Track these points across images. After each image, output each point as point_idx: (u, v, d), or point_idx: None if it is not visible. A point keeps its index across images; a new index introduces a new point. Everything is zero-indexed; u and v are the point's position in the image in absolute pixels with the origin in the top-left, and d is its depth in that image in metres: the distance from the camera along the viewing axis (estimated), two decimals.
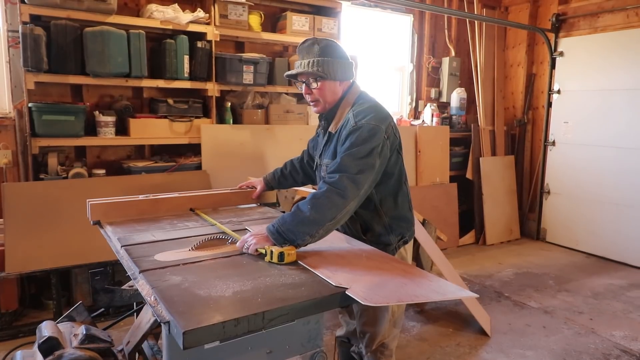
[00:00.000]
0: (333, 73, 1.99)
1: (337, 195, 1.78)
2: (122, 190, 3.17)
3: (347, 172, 1.82)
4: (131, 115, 3.74)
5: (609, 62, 5.09)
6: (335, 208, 1.78)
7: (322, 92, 2.03)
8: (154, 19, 3.62)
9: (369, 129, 1.89)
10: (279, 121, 4.24)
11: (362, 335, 2.21)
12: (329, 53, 1.98)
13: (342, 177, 1.80)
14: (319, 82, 2.00)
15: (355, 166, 1.83)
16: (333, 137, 2.04)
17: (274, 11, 4.43)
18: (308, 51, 2.00)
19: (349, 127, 1.93)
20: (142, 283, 1.51)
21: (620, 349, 3.24)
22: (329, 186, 1.80)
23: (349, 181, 1.80)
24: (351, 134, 1.89)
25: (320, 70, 1.97)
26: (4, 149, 3.50)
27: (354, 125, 1.91)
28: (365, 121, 1.91)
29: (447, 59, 5.67)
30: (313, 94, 2.03)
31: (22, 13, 3.17)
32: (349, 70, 2.05)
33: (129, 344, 1.93)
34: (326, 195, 1.78)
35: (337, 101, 2.06)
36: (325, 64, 1.97)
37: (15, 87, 3.51)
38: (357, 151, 1.85)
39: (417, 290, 1.47)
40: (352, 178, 1.81)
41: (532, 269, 4.82)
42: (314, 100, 2.07)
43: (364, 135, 1.88)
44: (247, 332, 1.28)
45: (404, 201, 2.12)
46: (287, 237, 1.73)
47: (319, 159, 2.18)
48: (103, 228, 2.15)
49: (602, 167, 5.21)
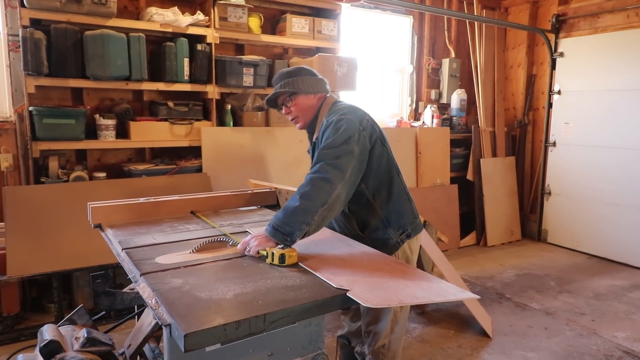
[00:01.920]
0: (304, 88, 2.16)
1: (321, 181, 1.84)
2: (123, 193, 3.17)
3: (326, 160, 1.90)
4: (131, 118, 3.74)
5: (610, 62, 5.09)
6: (324, 192, 1.83)
7: (299, 107, 2.19)
8: (154, 22, 3.62)
9: (337, 121, 2.00)
10: (279, 123, 4.24)
11: (367, 334, 2.24)
12: (297, 73, 2.19)
13: (322, 165, 1.89)
14: (293, 98, 2.18)
15: (332, 153, 1.91)
16: (317, 145, 2.11)
17: (274, 13, 4.43)
18: (279, 78, 2.21)
19: (324, 127, 2.06)
20: (143, 286, 1.51)
21: (622, 350, 3.23)
22: (311, 175, 1.88)
23: (329, 166, 1.88)
24: (326, 131, 2.02)
25: (292, 87, 2.15)
26: (4, 152, 3.51)
27: (327, 123, 2.05)
28: (337, 117, 2.03)
29: (447, 60, 5.67)
30: (292, 111, 2.21)
31: (22, 17, 3.18)
32: (319, 84, 2.21)
33: (130, 347, 1.93)
34: (311, 183, 1.85)
35: (315, 113, 2.21)
36: (295, 82, 2.16)
37: (16, 90, 3.51)
38: (332, 141, 1.95)
39: (418, 292, 1.47)
40: (331, 163, 1.88)
41: (533, 270, 4.81)
42: (294, 118, 2.23)
43: (337, 126, 1.98)
44: (249, 334, 1.28)
45: (399, 193, 2.15)
46: (285, 230, 1.76)
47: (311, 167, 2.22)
48: (104, 231, 2.16)
49: (603, 167, 5.21)
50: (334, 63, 4.21)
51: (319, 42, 4.38)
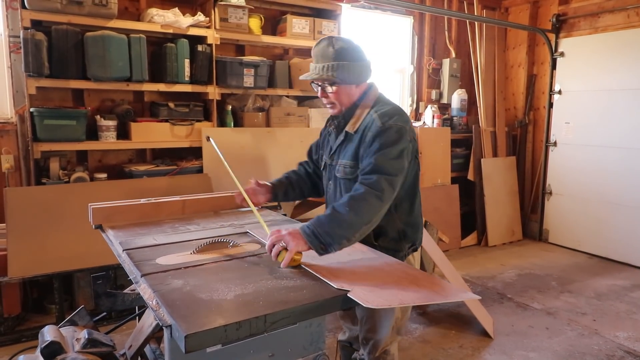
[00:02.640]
0: (348, 77, 1.94)
1: (376, 198, 1.76)
2: (123, 194, 3.17)
3: (384, 174, 1.80)
4: (132, 119, 3.75)
5: (610, 62, 5.08)
6: (373, 210, 1.76)
7: (338, 96, 1.99)
8: (155, 23, 3.63)
9: (397, 130, 1.87)
10: (279, 124, 4.24)
11: (365, 342, 2.19)
12: (344, 56, 1.92)
13: (380, 178, 1.78)
14: (334, 86, 1.96)
15: (390, 167, 1.82)
16: (352, 137, 1.99)
17: (274, 14, 4.44)
18: (323, 54, 1.95)
19: (374, 128, 1.89)
20: (143, 287, 1.51)
21: (624, 349, 3.23)
22: (367, 187, 1.77)
23: (386, 183, 1.79)
24: (379, 135, 1.86)
25: (335, 76, 1.92)
26: (6, 153, 3.51)
27: (381, 126, 1.88)
28: (392, 122, 1.89)
29: (447, 60, 5.67)
30: (329, 97, 2.01)
31: (23, 18, 3.18)
32: (365, 72, 2.00)
33: (131, 348, 1.93)
34: (365, 197, 1.75)
35: (354, 102, 2.02)
36: (339, 68, 1.92)
37: (17, 92, 3.52)
38: (389, 152, 1.83)
39: (419, 293, 1.47)
40: (389, 180, 1.80)
41: (534, 270, 4.81)
42: (330, 104, 2.04)
43: (392, 137, 1.86)
44: (249, 335, 1.28)
45: (418, 207, 2.11)
46: (324, 240, 1.66)
47: (329, 158, 2.14)
48: (105, 232, 2.16)
49: (604, 167, 5.21)
50: None
51: None
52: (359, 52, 1.98)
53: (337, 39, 1.97)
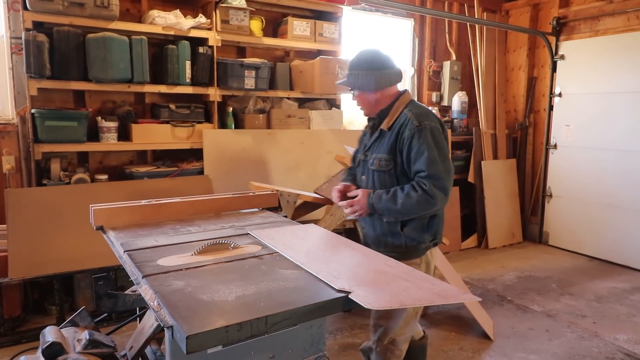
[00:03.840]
0: (365, 84, 2.16)
1: (427, 203, 2.03)
2: (124, 195, 3.18)
3: (438, 180, 2.02)
4: (133, 120, 3.75)
5: (610, 65, 5.09)
6: (420, 210, 2.07)
7: (360, 101, 2.25)
8: (156, 24, 3.64)
9: (433, 130, 2.08)
10: (280, 126, 4.25)
11: (375, 328, 2.25)
12: (360, 65, 2.17)
13: (434, 185, 2.02)
14: (355, 92, 2.23)
15: (442, 171, 2.03)
16: (386, 134, 2.18)
17: (275, 16, 4.45)
18: (350, 63, 2.23)
19: (411, 126, 2.08)
20: (145, 288, 1.52)
21: (623, 352, 3.23)
22: (422, 192, 2.02)
23: (439, 191, 2.02)
24: (416, 134, 2.06)
25: (351, 83, 2.20)
26: (7, 155, 3.52)
27: (418, 125, 2.07)
28: (428, 123, 2.08)
29: (448, 62, 5.68)
30: (358, 99, 2.26)
31: (25, 20, 3.19)
32: (384, 79, 2.17)
33: (132, 349, 1.93)
34: (417, 200, 2.02)
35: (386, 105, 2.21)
36: (356, 77, 2.17)
37: (18, 93, 3.53)
38: (437, 155, 2.04)
39: (420, 294, 1.47)
40: (442, 187, 2.03)
41: (534, 272, 4.81)
42: (360, 106, 2.29)
43: (434, 136, 2.07)
44: (250, 336, 1.28)
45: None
46: (378, 213, 2.12)
47: (363, 155, 2.32)
48: (106, 233, 2.16)
49: (604, 169, 5.21)
50: (335, 66, 4.22)
51: (320, 44, 4.40)
52: (381, 61, 2.19)
53: (365, 50, 2.24)
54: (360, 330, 3.42)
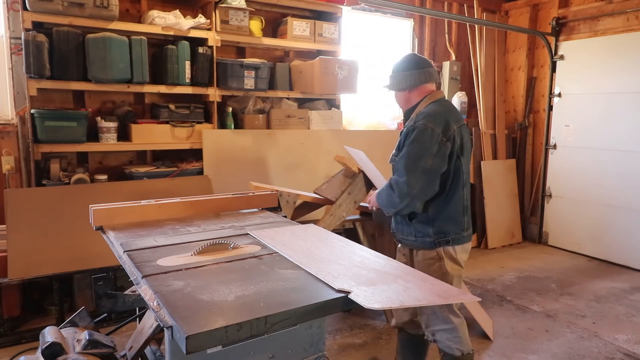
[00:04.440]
0: (396, 85, 2.43)
1: (389, 195, 2.31)
2: (124, 195, 3.17)
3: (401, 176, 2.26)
4: (133, 121, 3.75)
5: (610, 65, 5.09)
6: (392, 205, 2.32)
7: (396, 99, 2.51)
8: (156, 25, 3.64)
9: (420, 129, 2.23)
10: (280, 126, 4.25)
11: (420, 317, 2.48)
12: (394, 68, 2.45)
13: (395, 181, 2.28)
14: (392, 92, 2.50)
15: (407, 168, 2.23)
16: (402, 132, 2.38)
17: (275, 16, 4.45)
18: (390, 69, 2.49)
19: (409, 124, 2.30)
20: (144, 288, 1.52)
21: (623, 352, 3.23)
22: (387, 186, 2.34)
23: (399, 185, 2.25)
24: (410, 132, 2.27)
25: (388, 85, 2.48)
26: (6, 155, 3.52)
27: (413, 124, 2.28)
28: (423, 122, 2.24)
29: (447, 63, 5.68)
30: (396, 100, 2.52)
31: (25, 20, 3.19)
32: (410, 80, 2.38)
33: (132, 349, 1.93)
34: (385, 194, 2.35)
35: (413, 104, 2.41)
36: (391, 78, 2.46)
37: (18, 93, 3.52)
38: (410, 152, 2.24)
39: (420, 294, 1.47)
40: (403, 182, 2.23)
41: (534, 272, 4.81)
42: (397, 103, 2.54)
43: (414, 136, 2.24)
44: (250, 336, 1.29)
45: (456, 203, 2.41)
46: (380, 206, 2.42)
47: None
48: (105, 233, 2.16)
49: (603, 170, 5.21)
50: (334, 66, 4.22)
51: (320, 45, 4.40)
52: (408, 63, 2.41)
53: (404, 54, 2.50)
54: (360, 330, 3.42)
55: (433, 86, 2.43)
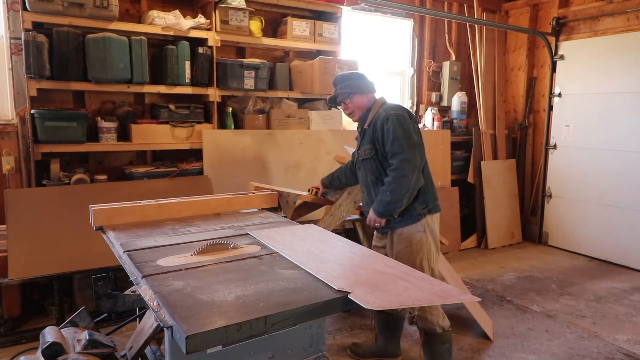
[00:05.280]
0: (359, 89, 2.69)
1: (401, 177, 2.46)
2: (124, 195, 3.17)
3: (399, 154, 2.46)
4: (133, 121, 3.75)
5: (610, 65, 5.09)
6: (404, 185, 2.47)
7: (355, 104, 2.71)
8: (156, 25, 3.64)
9: (397, 116, 2.52)
10: (280, 126, 4.25)
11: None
12: (351, 78, 2.72)
13: (398, 161, 2.46)
14: (351, 97, 2.69)
15: (403, 147, 2.46)
16: (367, 131, 2.65)
17: (275, 16, 4.45)
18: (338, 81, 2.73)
19: (382, 117, 2.56)
20: (144, 288, 1.52)
21: (623, 352, 3.23)
22: (393, 172, 2.48)
23: (404, 162, 2.45)
24: (385, 123, 2.52)
25: (349, 89, 2.68)
26: (6, 155, 3.52)
27: (385, 115, 2.55)
28: (393, 111, 2.55)
29: (447, 63, 5.68)
30: (349, 107, 2.72)
31: (25, 20, 3.19)
32: (369, 87, 2.72)
33: (132, 349, 1.94)
34: (394, 180, 2.47)
35: (368, 108, 2.70)
36: (351, 85, 2.69)
37: (18, 93, 3.52)
38: (398, 135, 2.48)
39: (419, 294, 1.47)
40: (405, 159, 2.45)
41: (534, 272, 4.81)
42: (350, 113, 2.74)
43: (396, 122, 2.50)
44: (250, 336, 1.29)
45: (427, 177, 2.67)
46: (387, 214, 2.56)
47: (357, 152, 2.78)
48: (105, 233, 2.16)
49: (604, 170, 5.21)
50: (334, 66, 4.22)
51: (320, 45, 4.40)
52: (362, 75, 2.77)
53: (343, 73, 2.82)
54: (359, 330, 3.42)
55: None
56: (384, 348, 3.01)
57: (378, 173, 2.63)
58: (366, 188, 2.75)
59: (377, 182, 2.63)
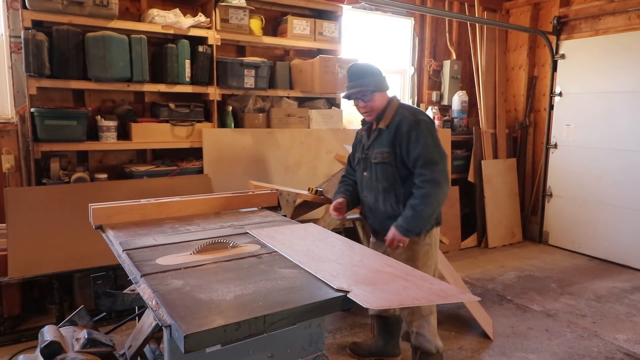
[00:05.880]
0: (380, 85, 2.48)
1: (437, 189, 2.31)
2: (124, 194, 3.18)
3: (435, 165, 2.31)
4: (133, 119, 3.75)
5: (611, 64, 5.08)
6: (439, 198, 2.34)
7: (375, 102, 2.47)
8: (156, 23, 3.63)
9: (427, 123, 2.39)
10: (280, 125, 4.25)
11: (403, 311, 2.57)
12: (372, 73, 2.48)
13: (432, 170, 2.31)
14: (372, 95, 2.46)
15: (437, 156, 2.33)
16: (384, 132, 2.45)
17: (275, 15, 4.44)
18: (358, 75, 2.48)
19: (408, 121, 2.37)
20: (143, 287, 1.51)
21: (623, 352, 3.23)
22: (428, 185, 2.31)
23: (438, 172, 2.31)
24: (413, 128, 2.35)
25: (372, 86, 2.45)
26: (6, 154, 3.52)
27: (414, 119, 2.37)
28: (422, 117, 2.40)
29: (448, 62, 5.67)
30: (367, 106, 2.48)
31: (24, 19, 3.19)
32: (385, 82, 2.54)
33: (131, 348, 1.93)
34: (430, 193, 2.31)
35: (384, 106, 2.50)
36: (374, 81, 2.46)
37: (18, 92, 3.52)
38: (430, 143, 2.33)
39: (419, 293, 1.47)
40: (440, 170, 2.31)
41: (534, 272, 4.80)
42: (368, 111, 2.50)
43: (427, 129, 2.36)
44: (249, 335, 1.29)
45: None
46: (416, 231, 2.38)
47: (363, 154, 2.57)
48: (105, 232, 2.16)
49: (604, 169, 5.20)
50: (335, 65, 4.22)
51: (320, 43, 4.39)
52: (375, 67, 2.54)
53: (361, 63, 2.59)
54: (359, 329, 3.42)
55: None
56: (383, 348, 2.99)
57: (393, 180, 2.43)
58: (374, 194, 2.52)
59: (391, 189, 2.45)
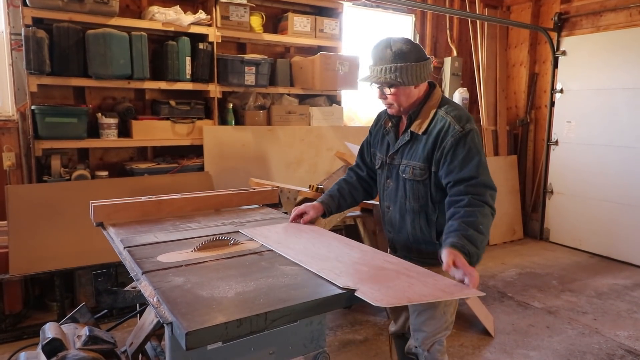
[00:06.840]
0: (407, 79, 1.91)
1: (491, 215, 1.85)
2: (124, 191, 3.18)
3: (489, 188, 1.86)
4: (133, 117, 3.75)
5: (612, 61, 5.07)
6: (490, 222, 1.85)
7: (397, 98, 1.97)
8: (156, 20, 3.63)
9: (473, 134, 1.90)
10: (280, 122, 4.24)
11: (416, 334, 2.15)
12: (403, 57, 1.89)
13: (487, 195, 1.85)
14: (392, 88, 1.94)
15: (488, 179, 1.88)
16: (421, 138, 1.98)
17: (276, 12, 4.43)
18: (381, 56, 1.93)
19: (453, 132, 1.89)
20: (145, 284, 1.51)
21: (624, 349, 3.23)
22: (487, 206, 1.84)
23: (491, 198, 1.86)
24: (461, 141, 1.88)
25: (394, 78, 1.90)
26: (7, 151, 3.51)
27: (461, 130, 1.89)
28: (469, 126, 1.91)
29: (449, 59, 5.66)
30: (388, 98, 1.99)
31: (25, 16, 3.18)
32: (424, 71, 1.95)
33: (132, 345, 1.94)
34: (487, 215, 1.83)
35: (416, 103, 2.00)
36: (399, 70, 1.89)
37: (18, 89, 3.52)
38: (483, 161, 1.89)
39: (424, 290, 1.46)
40: (493, 195, 1.87)
41: (535, 269, 4.80)
42: (388, 104, 2.02)
43: (476, 141, 1.90)
44: (250, 332, 1.28)
45: None
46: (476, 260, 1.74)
47: (388, 157, 2.11)
48: (106, 229, 2.16)
49: (605, 166, 5.20)
50: (335, 62, 4.21)
51: (321, 40, 4.38)
52: (417, 52, 1.93)
53: (395, 40, 1.94)
54: (360, 326, 3.42)
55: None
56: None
57: (425, 201, 2.01)
58: (399, 210, 2.10)
59: (422, 211, 2.03)
